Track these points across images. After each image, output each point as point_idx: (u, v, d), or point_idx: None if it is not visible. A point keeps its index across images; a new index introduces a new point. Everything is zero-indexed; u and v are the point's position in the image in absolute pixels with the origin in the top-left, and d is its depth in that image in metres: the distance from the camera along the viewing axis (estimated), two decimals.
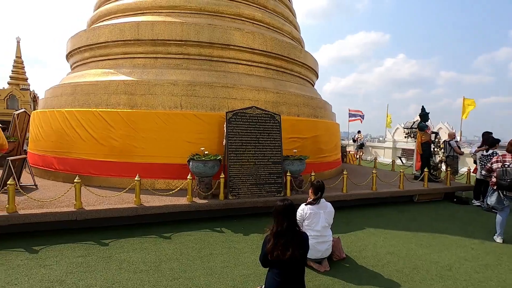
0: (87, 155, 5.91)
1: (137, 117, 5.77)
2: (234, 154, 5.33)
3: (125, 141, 5.79)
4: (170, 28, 6.40)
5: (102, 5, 7.94)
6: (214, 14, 7.09)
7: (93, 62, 7.15)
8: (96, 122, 5.86)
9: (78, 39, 7.36)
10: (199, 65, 6.59)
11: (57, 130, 6.26)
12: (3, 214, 3.85)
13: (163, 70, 6.39)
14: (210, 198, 5.04)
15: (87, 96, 6.22)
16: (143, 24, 6.44)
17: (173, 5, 6.94)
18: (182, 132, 5.72)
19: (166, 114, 5.75)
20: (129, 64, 6.63)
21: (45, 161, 6.52)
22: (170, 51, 6.57)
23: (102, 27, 6.83)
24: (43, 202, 4.32)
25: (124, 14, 7.19)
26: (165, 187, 5.67)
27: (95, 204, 4.46)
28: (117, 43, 6.65)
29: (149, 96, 5.96)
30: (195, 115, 5.81)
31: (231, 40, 6.67)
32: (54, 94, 7.08)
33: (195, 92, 6.09)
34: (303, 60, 8.16)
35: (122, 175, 5.72)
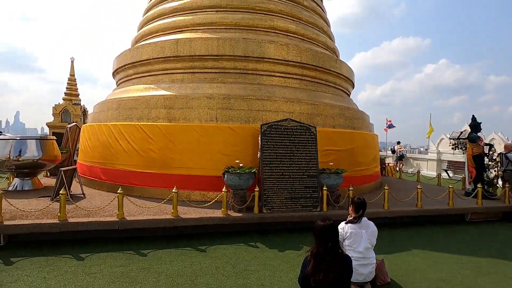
0: (129, 166, 6.23)
1: (175, 130, 5.99)
2: (268, 167, 5.27)
3: (164, 153, 6.01)
4: (206, 44, 6.63)
5: (145, 26, 8.49)
6: (249, 28, 7.22)
7: (136, 78, 7.62)
8: (138, 134, 6.18)
9: (123, 58, 7.92)
10: (234, 78, 6.71)
11: (103, 142, 6.70)
12: (54, 222, 4.14)
13: (200, 84, 6.61)
14: (244, 211, 5.01)
15: (130, 110, 6.60)
16: (182, 41, 6.75)
17: (209, 21, 7.21)
18: (217, 144, 5.80)
19: (202, 127, 5.90)
20: (168, 80, 6.96)
21: (92, 171, 6.99)
22: (207, 66, 6.79)
23: (145, 46, 7.28)
24: (89, 211, 4.58)
25: (165, 32, 7.61)
26: (200, 198, 5.76)
27: (135, 214, 4.64)
28: (157, 60, 7.03)
29: (187, 109, 6.17)
30: (230, 127, 5.88)
31: (266, 53, 6.73)
32: (101, 109, 7.64)
33: (230, 105, 6.18)
34: (338, 70, 7.97)
35: (161, 185, 5.92)
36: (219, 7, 7.39)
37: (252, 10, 7.45)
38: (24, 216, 4.28)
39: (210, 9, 7.40)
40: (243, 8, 7.41)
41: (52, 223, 4.10)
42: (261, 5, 7.45)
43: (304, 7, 8.25)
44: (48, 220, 4.19)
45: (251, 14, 7.36)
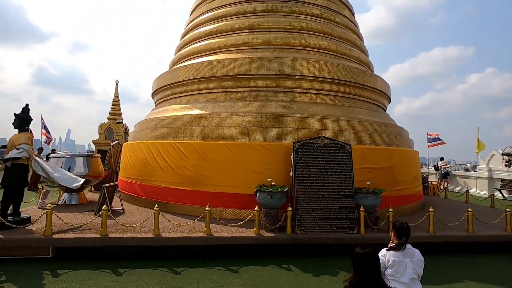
0: (165, 182, 6.45)
1: (208, 148, 6.13)
2: (301, 185, 5.14)
3: (197, 170, 6.15)
4: (239, 64, 6.82)
5: (181, 49, 9.01)
6: (280, 46, 7.34)
7: (173, 99, 8.02)
8: (173, 152, 6.41)
9: (161, 79, 8.41)
10: (266, 96, 6.78)
11: (142, 160, 7.05)
12: (96, 236, 4.37)
13: (233, 103, 6.76)
14: (277, 231, 4.89)
15: (167, 129, 6.92)
16: (216, 62, 7.02)
17: (242, 42, 7.45)
18: (249, 162, 5.82)
19: (234, 145, 5.97)
20: (202, 99, 7.23)
21: (131, 187, 7.35)
22: (239, 85, 6.96)
23: (181, 68, 7.69)
24: (128, 226, 4.77)
25: (200, 54, 7.99)
26: (232, 216, 5.75)
27: (170, 232, 4.74)
28: (193, 81, 7.35)
29: (220, 128, 6.31)
30: (262, 145, 5.89)
31: (297, 70, 6.75)
32: (140, 128, 8.10)
33: (262, 123, 6.22)
34: (372, 84, 7.72)
35: (194, 202, 6.03)
36: (251, 28, 7.63)
37: (283, 29, 7.59)
38: (70, 230, 4.58)
39: (242, 31, 7.67)
40: (275, 28, 7.57)
41: (94, 237, 4.33)
42: (292, 24, 7.56)
43: (335, 23, 8.22)
44: (91, 234, 4.43)
45: (282, 33, 7.49)
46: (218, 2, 8.59)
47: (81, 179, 6.12)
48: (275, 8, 7.77)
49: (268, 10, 7.75)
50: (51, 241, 4.26)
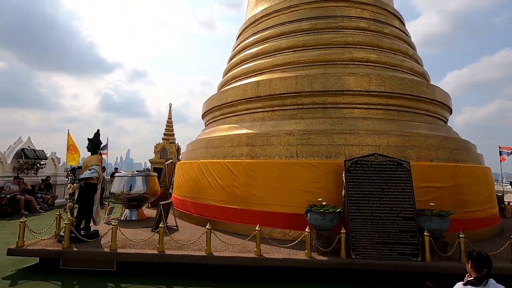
0: (215, 201, 6.63)
1: (256, 167, 6.18)
2: (355, 206, 4.85)
3: (246, 189, 6.22)
4: (285, 83, 6.89)
5: (229, 72, 9.44)
6: (327, 63, 7.26)
7: (221, 119, 8.36)
8: (223, 171, 6.60)
9: (210, 102, 8.86)
10: (313, 113, 6.69)
11: (194, 178, 7.38)
12: (154, 252, 4.61)
13: (279, 122, 6.80)
14: (330, 254, 4.64)
15: (217, 149, 7.18)
16: (262, 82, 7.20)
17: (287, 61, 7.54)
18: (298, 181, 5.71)
19: (282, 164, 5.94)
20: (250, 119, 7.40)
21: (184, 204, 7.70)
22: (286, 103, 6.99)
23: (229, 89, 8.02)
24: (182, 244, 4.96)
25: (246, 76, 8.28)
26: (282, 236, 5.64)
27: (221, 250, 4.79)
28: (240, 101, 7.60)
29: (267, 146, 6.36)
30: (310, 163, 5.75)
31: (345, 86, 6.57)
32: (192, 148, 8.55)
33: (310, 141, 6.11)
34: (430, 95, 7.13)
35: (243, 221, 6.06)
36: (296, 47, 7.72)
37: (329, 45, 7.52)
38: (131, 245, 4.91)
39: (287, 50, 7.79)
40: (320, 44, 7.55)
41: (153, 254, 4.57)
42: (338, 40, 7.47)
43: (384, 35, 7.91)
44: (150, 250, 4.69)
45: (328, 50, 7.43)
46: (263, 25, 8.92)
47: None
48: (320, 26, 7.78)
49: (313, 28, 7.79)
50: (116, 256, 4.61)
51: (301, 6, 8.32)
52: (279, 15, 8.59)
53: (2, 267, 4.81)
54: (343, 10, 7.96)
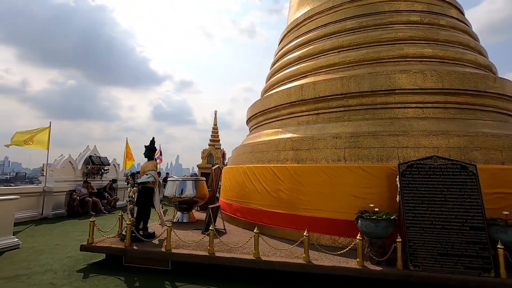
0: (261, 205, 6.68)
1: (302, 171, 6.09)
2: (412, 213, 4.49)
3: (292, 193, 6.16)
4: (330, 85, 6.72)
5: (272, 76, 9.52)
6: (374, 61, 6.90)
7: (265, 124, 8.44)
8: (268, 176, 6.63)
9: (255, 107, 9.01)
10: (361, 115, 6.39)
11: (240, 183, 7.54)
12: (205, 254, 4.79)
13: (325, 125, 6.63)
14: (384, 264, 4.34)
15: (262, 153, 7.25)
16: (306, 85, 7.11)
17: (332, 63, 7.35)
18: (346, 185, 5.49)
19: (329, 168, 5.76)
20: (294, 122, 7.35)
21: (231, 208, 7.90)
22: (331, 106, 6.80)
23: (272, 94, 8.08)
24: (230, 246, 5.08)
25: (290, 80, 8.26)
26: (330, 243, 5.45)
27: (269, 255, 4.80)
28: (284, 106, 7.60)
29: (313, 150, 6.23)
30: (360, 167, 5.49)
31: (396, 84, 6.17)
32: (238, 153, 8.75)
33: (359, 144, 5.84)
34: (498, 89, 6.34)
35: (289, 226, 6.00)
36: (340, 47, 7.49)
37: (377, 43, 7.15)
38: (184, 246, 5.18)
39: (332, 51, 7.60)
40: (367, 43, 7.22)
41: (204, 255, 4.76)
42: (386, 36, 7.07)
43: (440, 27, 7.27)
44: (201, 252, 4.89)
45: (375, 47, 7.06)
46: (305, 28, 8.84)
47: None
48: (365, 23, 7.46)
49: (359, 26, 7.49)
50: (170, 255, 4.90)
51: (344, 6, 8.08)
52: (321, 17, 8.44)
53: (76, 261, 5.43)
54: (391, 5, 7.52)
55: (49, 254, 5.82)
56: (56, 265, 5.20)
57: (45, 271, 4.85)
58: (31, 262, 5.32)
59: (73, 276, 4.66)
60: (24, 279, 4.52)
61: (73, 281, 4.46)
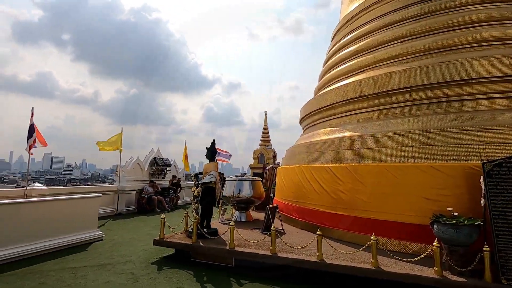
0: (319, 206, 6.52)
1: (364, 171, 5.78)
2: (502, 219, 3.92)
3: (353, 194, 5.88)
4: (393, 78, 6.25)
5: (326, 74, 9.24)
6: (445, 49, 6.23)
7: (321, 123, 8.23)
8: (327, 176, 6.44)
9: (308, 106, 8.84)
10: (431, 109, 5.82)
11: (296, 183, 7.47)
12: (267, 253, 4.84)
13: (388, 121, 6.19)
14: (468, 275, 3.88)
15: (319, 153, 7.08)
16: (365, 80, 6.73)
17: (393, 55, 6.84)
18: (417, 186, 5.04)
19: (396, 167, 5.36)
20: (353, 120, 7.02)
21: (287, 208, 7.87)
22: (394, 101, 6.33)
23: (328, 92, 7.83)
24: (292, 247, 5.05)
25: (346, 76, 7.92)
26: (399, 248, 5.07)
27: (332, 258, 4.65)
28: (341, 103, 7.31)
29: (376, 149, 5.87)
30: (432, 167, 4.99)
31: (474, 73, 5.47)
32: (293, 153, 8.69)
33: (430, 141, 5.32)
34: None
35: (351, 229, 5.74)
36: (403, 37, 6.93)
37: (447, 28, 6.44)
38: (246, 245, 5.31)
39: (392, 42, 7.07)
40: (434, 29, 6.55)
41: (267, 254, 4.81)
42: (459, 20, 6.32)
43: None
44: (263, 251, 4.96)
45: (445, 34, 6.37)
46: (361, 20, 8.39)
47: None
48: (432, 8, 6.78)
49: (424, 12, 6.84)
50: (235, 253, 5.06)
51: None
52: (379, 6, 7.91)
53: (149, 254, 5.96)
54: None
55: (126, 247, 6.49)
56: (133, 256, 5.77)
57: (125, 262, 5.42)
58: (113, 253, 5.99)
59: (149, 268, 5.12)
60: (110, 267, 5.11)
61: (150, 272, 4.90)
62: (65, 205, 6.52)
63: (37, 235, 5.83)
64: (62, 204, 6.47)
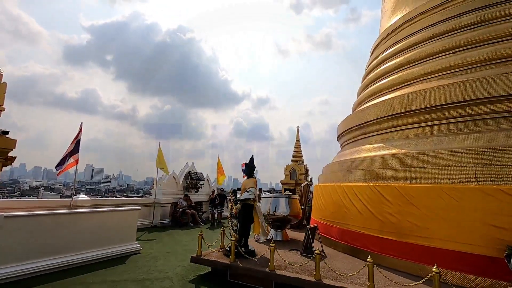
0: (363, 228, 6.04)
1: (417, 192, 5.27)
2: None
3: (404, 217, 5.37)
4: (447, 91, 5.76)
5: (366, 88, 8.87)
6: (507, 59, 5.66)
7: (362, 139, 7.80)
8: (372, 196, 5.98)
9: (348, 121, 8.47)
10: (495, 125, 5.23)
11: (337, 202, 7.04)
12: (311, 279, 4.49)
13: (442, 138, 5.67)
14: None
15: (362, 171, 6.65)
16: (414, 94, 6.29)
17: (445, 66, 6.36)
18: (481, 212, 4.46)
19: (455, 189, 4.81)
20: (399, 136, 6.55)
21: (326, 229, 7.42)
22: (448, 115, 5.81)
23: (370, 107, 7.44)
24: (337, 274, 4.65)
25: (390, 90, 7.50)
26: (461, 282, 4.46)
27: None
28: (385, 118, 6.87)
29: (430, 168, 5.36)
30: (501, 190, 4.40)
31: None
32: (332, 170, 8.29)
33: (496, 160, 4.74)
34: None
35: (402, 256, 5.21)
36: (456, 47, 6.44)
37: (508, 36, 5.88)
38: (286, 268, 4.99)
39: (443, 53, 6.60)
40: (493, 38, 6.02)
41: (310, 280, 4.47)
42: None
43: None
44: (306, 276, 4.62)
45: (506, 43, 5.81)
46: (405, 32, 8.01)
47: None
48: (489, 16, 6.26)
49: (480, 21, 6.33)
50: (274, 276, 4.77)
51: (457, 0, 7.00)
52: (427, 17, 7.51)
53: (186, 270, 5.85)
54: None
55: (163, 261, 6.45)
56: (170, 272, 5.69)
57: (163, 278, 5.34)
58: (150, 268, 5.96)
59: (187, 286, 4.98)
60: (149, 284, 5.06)
61: None
62: (106, 217, 6.70)
63: (80, 246, 6.01)
64: (104, 216, 6.66)
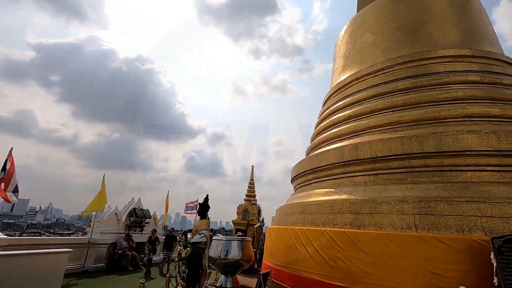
0: (317, 275, 5.99)
1: (365, 238, 5.50)
2: None
3: (353, 263, 5.49)
4: (388, 144, 6.42)
5: (318, 135, 9.48)
6: (435, 121, 6.60)
7: (315, 183, 8.11)
8: (324, 241, 6.07)
9: (301, 165, 8.81)
10: (428, 177, 5.88)
11: (290, 246, 6.97)
12: None
13: (386, 186, 6.16)
14: None
15: (315, 215, 6.80)
16: (361, 144, 6.87)
17: (387, 122, 7.17)
18: (422, 259, 4.78)
19: (399, 236, 5.14)
20: (349, 183, 6.96)
21: (278, 274, 7.19)
22: (390, 166, 6.40)
23: (323, 152, 7.88)
24: None
25: (340, 138, 8.12)
26: None
27: None
28: (336, 165, 7.32)
29: (376, 215, 5.70)
30: (436, 238, 4.82)
31: (466, 145, 5.71)
32: (285, 213, 8.33)
33: (431, 210, 5.24)
34: None
35: None
36: (394, 107, 7.37)
37: (434, 102, 6.94)
38: None
39: (385, 110, 7.48)
40: (423, 102, 7.04)
41: None
42: (445, 96, 6.86)
43: (505, 86, 6.95)
44: None
45: (434, 107, 6.83)
46: (353, 88, 8.98)
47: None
48: (420, 83, 7.38)
49: (413, 87, 7.42)
50: None
51: (395, 67, 8.19)
52: (371, 78, 8.58)
53: None
54: (446, 66, 7.47)
55: None
56: None
57: None
58: None
59: None
60: None
61: None
62: (26, 261, 5.65)
63: None
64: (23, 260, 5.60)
